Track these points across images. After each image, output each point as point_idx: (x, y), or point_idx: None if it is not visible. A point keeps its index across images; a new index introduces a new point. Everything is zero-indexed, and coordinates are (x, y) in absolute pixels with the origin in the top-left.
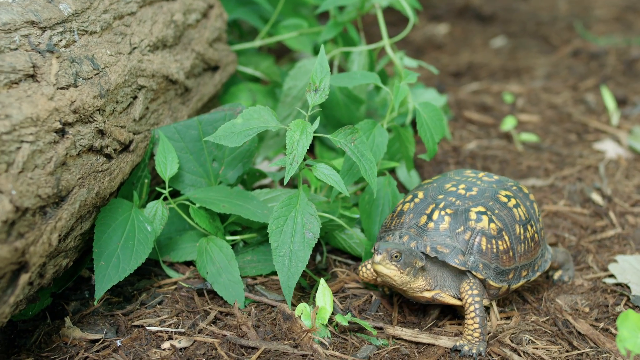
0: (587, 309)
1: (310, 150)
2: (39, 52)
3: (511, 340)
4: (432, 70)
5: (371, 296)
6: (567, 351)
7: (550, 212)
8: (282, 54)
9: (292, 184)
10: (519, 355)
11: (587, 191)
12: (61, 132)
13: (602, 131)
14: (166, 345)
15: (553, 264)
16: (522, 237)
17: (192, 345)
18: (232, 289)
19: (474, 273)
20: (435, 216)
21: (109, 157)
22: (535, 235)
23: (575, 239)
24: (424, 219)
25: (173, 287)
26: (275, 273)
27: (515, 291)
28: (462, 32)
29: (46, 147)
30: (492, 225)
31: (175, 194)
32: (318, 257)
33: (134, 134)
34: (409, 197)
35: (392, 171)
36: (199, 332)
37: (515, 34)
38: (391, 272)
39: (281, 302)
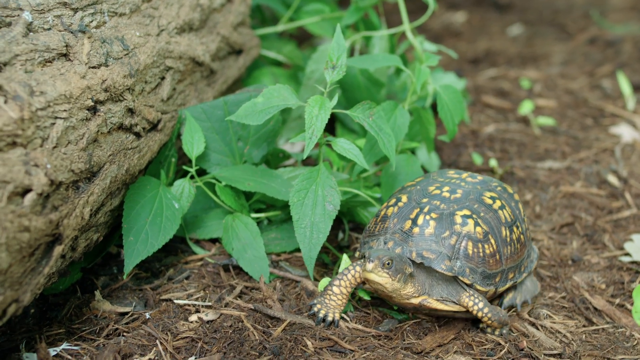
0: (603, 286)
1: (332, 133)
2: (72, 32)
3: (529, 315)
4: (451, 55)
5: None
6: (584, 326)
7: (568, 193)
8: (303, 40)
9: (315, 164)
10: (537, 329)
11: (603, 173)
12: (93, 110)
13: (618, 116)
14: (194, 317)
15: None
16: (508, 239)
17: (219, 317)
18: (257, 265)
19: (461, 278)
20: (420, 221)
21: (138, 135)
22: (521, 236)
23: (592, 218)
24: (408, 223)
25: (199, 263)
26: (299, 250)
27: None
28: (480, 20)
29: (79, 123)
30: (478, 228)
31: (201, 173)
32: (340, 235)
33: (162, 113)
34: (393, 200)
35: (412, 153)
36: (225, 306)
37: (532, 22)
38: (383, 279)
39: (305, 277)
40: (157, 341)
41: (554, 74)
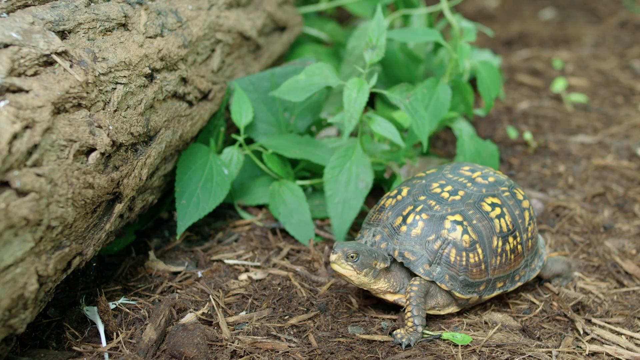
0: (633, 251)
1: (372, 106)
2: (129, 4)
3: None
4: (487, 33)
5: None
6: (615, 288)
7: (599, 166)
8: (341, 20)
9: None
10: (568, 289)
11: (633, 147)
12: (150, 77)
13: None
14: (243, 277)
15: (548, 276)
16: (499, 249)
17: (267, 277)
18: (302, 229)
19: (439, 284)
20: (409, 220)
21: (190, 103)
22: (519, 247)
23: (623, 189)
24: (399, 220)
25: (247, 228)
26: None
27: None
28: (513, 4)
29: (137, 89)
30: (466, 236)
31: (248, 143)
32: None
33: (212, 84)
34: (394, 192)
35: (449, 128)
36: (273, 266)
37: (564, 6)
38: (347, 272)
39: None
40: (210, 297)
41: (585, 55)
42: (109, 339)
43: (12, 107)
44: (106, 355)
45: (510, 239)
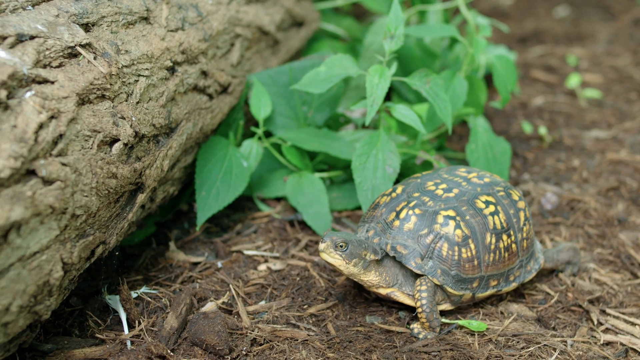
0: None
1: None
2: None
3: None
4: (503, 29)
5: None
6: (629, 279)
7: (613, 160)
8: (357, 17)
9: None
10: (583, 280)
11: None
12: (171, 70)
13: None
14: (262, 267)
15: (557, 265)
16: (492, 246)
17: (286, 267)
18: (320, 220)
19: (431, 278)
20: (402, 214)
21: (210, 96)
22: (513, 245)
23: (637, 183)
24: (392, 215)
25: (265, 220)
26: (359, 208)
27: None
28: (527, 1)
29: (159, 82)
30: (458, 231)
31: (266, 136)
32: None
33: (232, 77)
34: (389, 190)
35: (465, 123)
36: (291, 257)
37: (577, 4)
38: (336, 261)
39: None
40: (230, 286)
41: (599, 52)
42: (131, 327)
43: (38, 97)
44: (128, 343)
45: (504, 237)
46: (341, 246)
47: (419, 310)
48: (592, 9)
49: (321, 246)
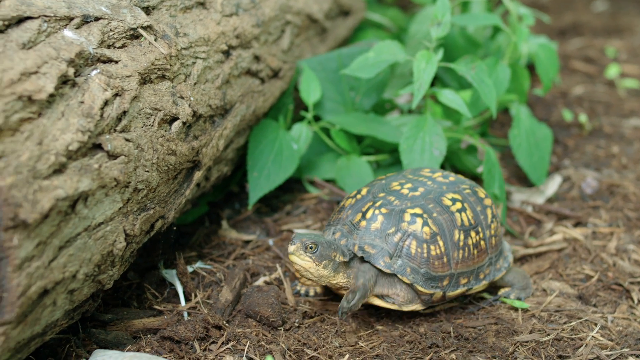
0: None
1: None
2: None
3: (616, 250)
4: (544, 19)
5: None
6: None
7: None
8: (401, 8)
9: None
10: (622, 260)
11: None
12: (226, 53)
13: None
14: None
15: (499, 282)
16: (461, 243)
17: None
18: None
19: (400, 277)
20: (369, 215)
21: (262, 80)
22: (482, 242)
23: None
24: (358, 216)
25: (314, 201)
26: None
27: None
28: None
29: (215, 64)
30: (426, 228)
31: (315, 120)
32: None
33: (283, 62)
34: (354, 192)
35: (506, 110)
36: None
37: None
38: (306, 263)
39: None
40: (283, 262)
41: (637, 44)
42: (187, 299)
43: (103, 75)
44: (185, 314)
45: (473, 234)
46: (311, 248)
47: (344, 299)
48: (630, 3)
49: (291, 248)
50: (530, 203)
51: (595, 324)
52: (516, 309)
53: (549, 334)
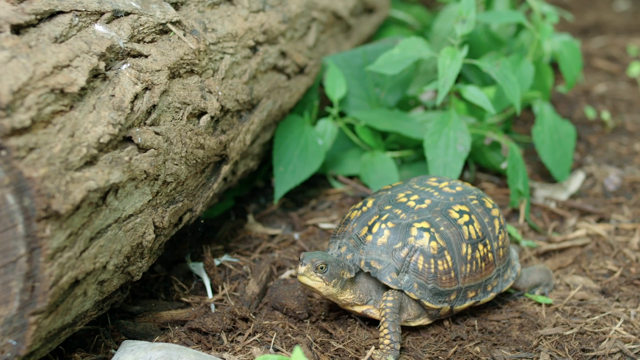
0: None
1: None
2: None
3: (639, 246)
4: (567, 17)
5: (514, 209)
6: None
7: None
8: (425, 6)
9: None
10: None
11: None
12: (253, 49)
13: None
14: None
15: (520, 286)
16: (468, 257)
17: None
18: None
19: (407, 293)
20: (375, 229)
21: (288, 76)
22: (489, 255)
23: None
24: (364, 230)
25: (339, 196)
26: None
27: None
28: None
29: (242, 60)
30: (433, 243)
31: (340, 116)
32: (467, 174)
33: (308, 59)
34: (360, 203)
35: (529, 108)
36: None
37: None
38: (316, 284)
39: None
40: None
41: None
42: (214, 292)
43: (133, 69)
44: (212, 306)
45: (480, 247)
46: (321, 268)
47: (383, 321)
48: None
49: (301, 269)
50: (553, 199)
51: (619, 318)
52: (540, 304)
53: (572, 328)
